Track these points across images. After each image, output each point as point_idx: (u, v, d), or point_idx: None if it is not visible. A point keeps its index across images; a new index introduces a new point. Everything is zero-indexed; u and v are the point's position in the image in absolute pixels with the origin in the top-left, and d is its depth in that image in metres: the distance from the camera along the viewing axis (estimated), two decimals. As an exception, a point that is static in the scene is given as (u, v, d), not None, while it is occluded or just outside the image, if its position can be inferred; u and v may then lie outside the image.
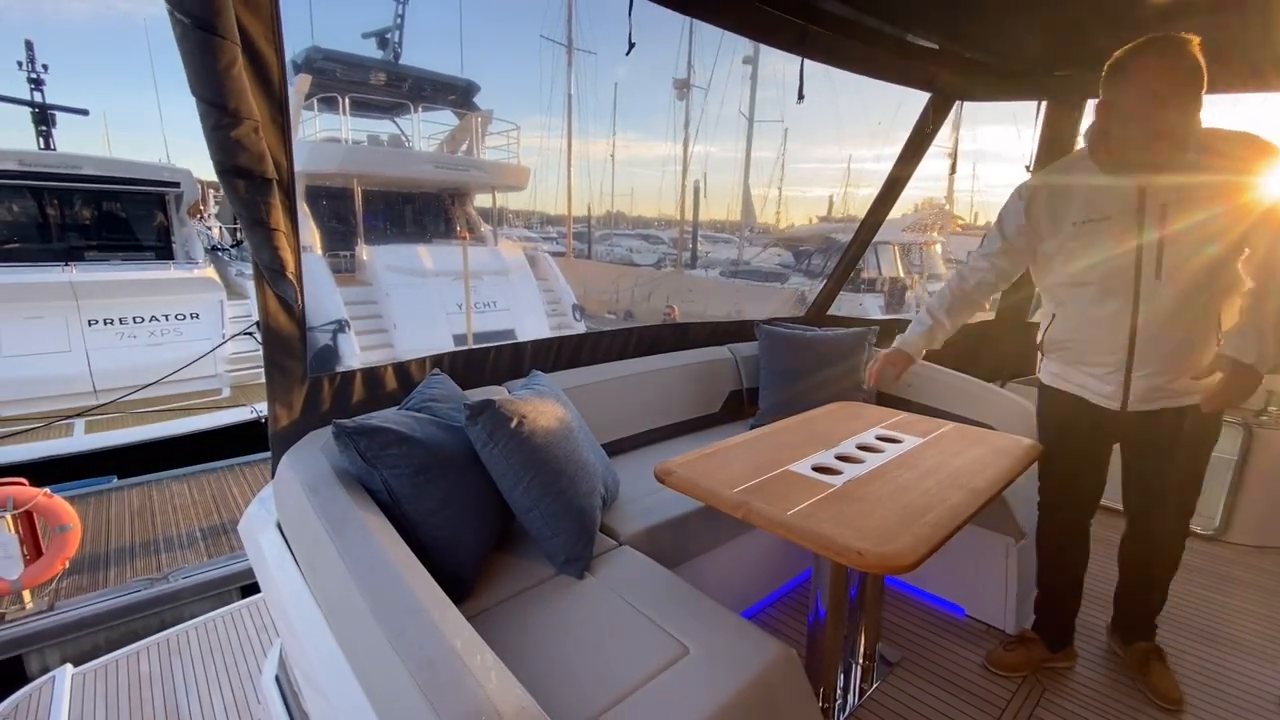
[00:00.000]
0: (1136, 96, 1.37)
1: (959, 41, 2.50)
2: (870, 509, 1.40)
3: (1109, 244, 1.51)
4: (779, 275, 17.96)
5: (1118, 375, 1.59)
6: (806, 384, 2.59)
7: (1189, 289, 1.49)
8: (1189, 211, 1.44)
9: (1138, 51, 1.37)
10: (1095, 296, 1.56)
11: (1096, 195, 1.53)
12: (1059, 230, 1.57)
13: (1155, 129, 1.36)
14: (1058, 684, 1.88)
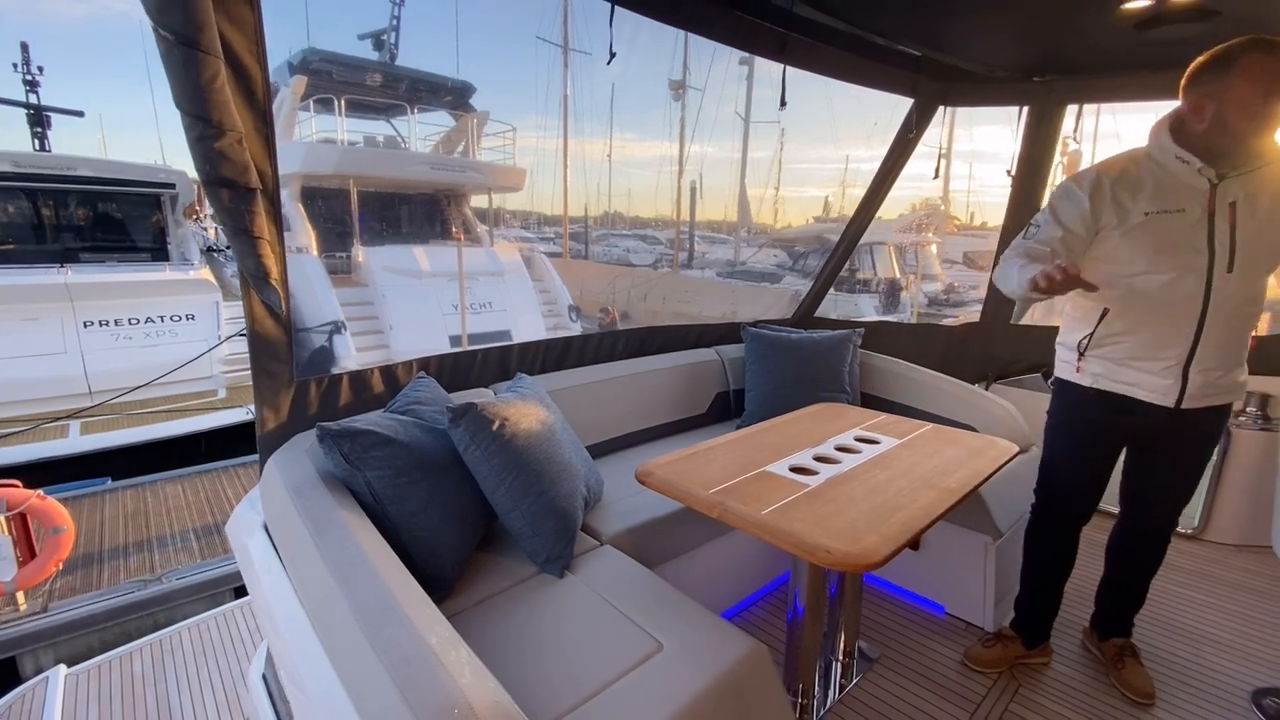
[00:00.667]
0: (1248, 89, 1.37)
1: (940, 49, 2.54)
2: (842, 509, 1.44)
3: (1183, 235, 1.51)
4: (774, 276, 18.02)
5: (1177, 369, 1.57)
6: (791, 385, 2.63)
7: (1254, 287, 1.55)
8: (1255, 210, 1.49)
9: (1246, 47, 1.38)
10: (1167, 286, 1.53)
11: (1167, 187, 1.53)
12: (1126, 220, 1.55)
13: (1260, 123, 1.39)
14: (1033, 680, 1.91)
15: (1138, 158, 1.59)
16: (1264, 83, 1.35)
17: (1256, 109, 1.37)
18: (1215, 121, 1.43)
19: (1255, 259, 1.51)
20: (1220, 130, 1.44)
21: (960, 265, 21.07)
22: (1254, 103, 1.37)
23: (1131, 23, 2.09)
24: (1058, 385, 1.83)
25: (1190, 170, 1.50)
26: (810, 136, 32.90)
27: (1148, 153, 1.58)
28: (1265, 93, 1.36)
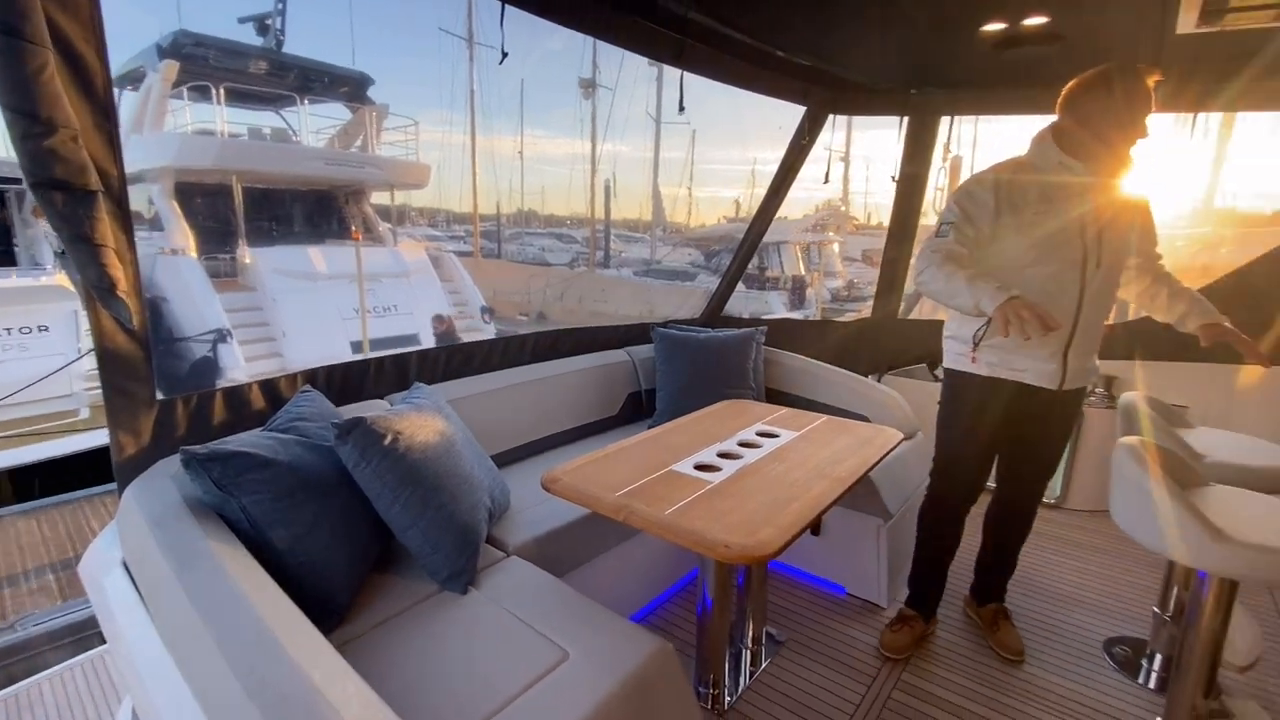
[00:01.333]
0: (1123, 107, 1.59)
1: (828, 60, 2.68)
2: (741, 503, 1.49)
3: (1063, 234, 1.69)
4: (688, 274, 18.38)
5: (1059, 355, 1.74)
6: (699, 384, 2.69)
7: (1114, 280, 1.79)
8: (1116, 215, 1.72)
9: (1117, 73, 1.60)
10: (1051, 279, 1.70)
11: (1051, 190, 1.71)
12: (1019, 218, 1.70)
13: (1125, 139, 1.63)
14: (921, 647, 2.07)
15: (1024, 164, 1.77)
16: (1131, 105, 1.58)
17: (1128, 124, 1.60)
18: (1094, 134, 1.64)
19: (1115, 257, 1.74)
20: (1097, 141, 1.64)
21: (860, 263, 22.39)
22: (1126, 119, 1.60)
23: (991, 43, 2.30)
24: (950, 376, 1.96)
25: (1070, 177, 1.70)
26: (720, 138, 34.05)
27: (1032, 159, 1.76)
28: (1132, 113, 1.59)
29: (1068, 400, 1.84)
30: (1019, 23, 2.09)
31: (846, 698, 1.84)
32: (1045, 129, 1.75)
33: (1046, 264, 1.69)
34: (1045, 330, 1.41)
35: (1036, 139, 1.76)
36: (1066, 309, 1.70)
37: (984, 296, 1.52)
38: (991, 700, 1.84)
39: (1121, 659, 2.01)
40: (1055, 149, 1.69)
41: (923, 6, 2.00)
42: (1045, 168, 1.71)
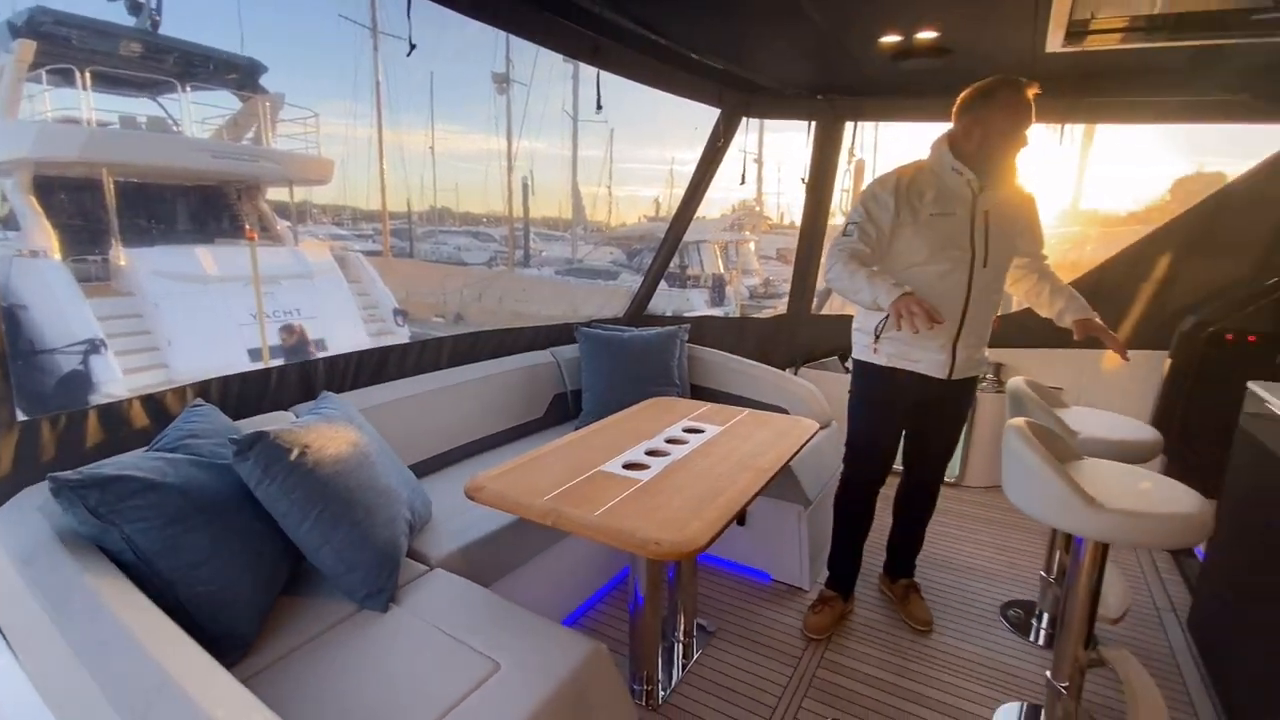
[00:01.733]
0: (1005, 118, 1.73)
1: (741, 64, 2.76)
2: (670, 499, 1.51)
3: (954, 234, 1.83)
4: (611, 273, 18.39)
5: (949, 346, 1.88)
6: (625, 383, 2.70)
7: (1001, 277, 1.95)
8: (1001, 219, 1.87)
9: (995, 85, 1.76)
10: (941, 277, 1.84)
11: (944, 193, 1.84)
12: (916, 219, 1.83)
13: (1010, 146, 1.76)
14: (841, 626, 2.17)
15: (923, 167, 1.90)
16: (1015, 114, 1.73)
17: (1010, 134, 1.74)
18: (981, 142, 1.78)
19: (1002, 257, 1.90)
20: (983, 149, 1.78)
21: (775, 261, 23.23)
22: (1008, 129, 1.74)
23: (889, 54, 2.45)
24: (857, 366, 2.08)
25: (962, 181, 1.83)
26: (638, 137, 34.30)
27: (930, 164, 1.89)
28: (1016, 122, 1.73)
29: (959, 388, 1.99)
30: (912, 35, 2.24)
31: (774, 680, 1.91)
32: (942, 135, 1.89)
33: (939, 262, 1.82)
34: (931, 325, 1.53)
35: (935, 145, 1.89)
36: (955, 304, 1.84)
37: (881, 292, 1.64)
38: (904, 668, 1.97)
39: (1015, 620, 2.21)
40: (949, 154, 1.83)
41: (827, 16, 2.10)
42: (941, 172, 1.85)
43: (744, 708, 1.80)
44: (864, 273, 1.70)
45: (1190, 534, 1.37)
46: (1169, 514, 1.38)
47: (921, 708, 1.81)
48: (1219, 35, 1.85)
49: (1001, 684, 1.91)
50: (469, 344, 2.66)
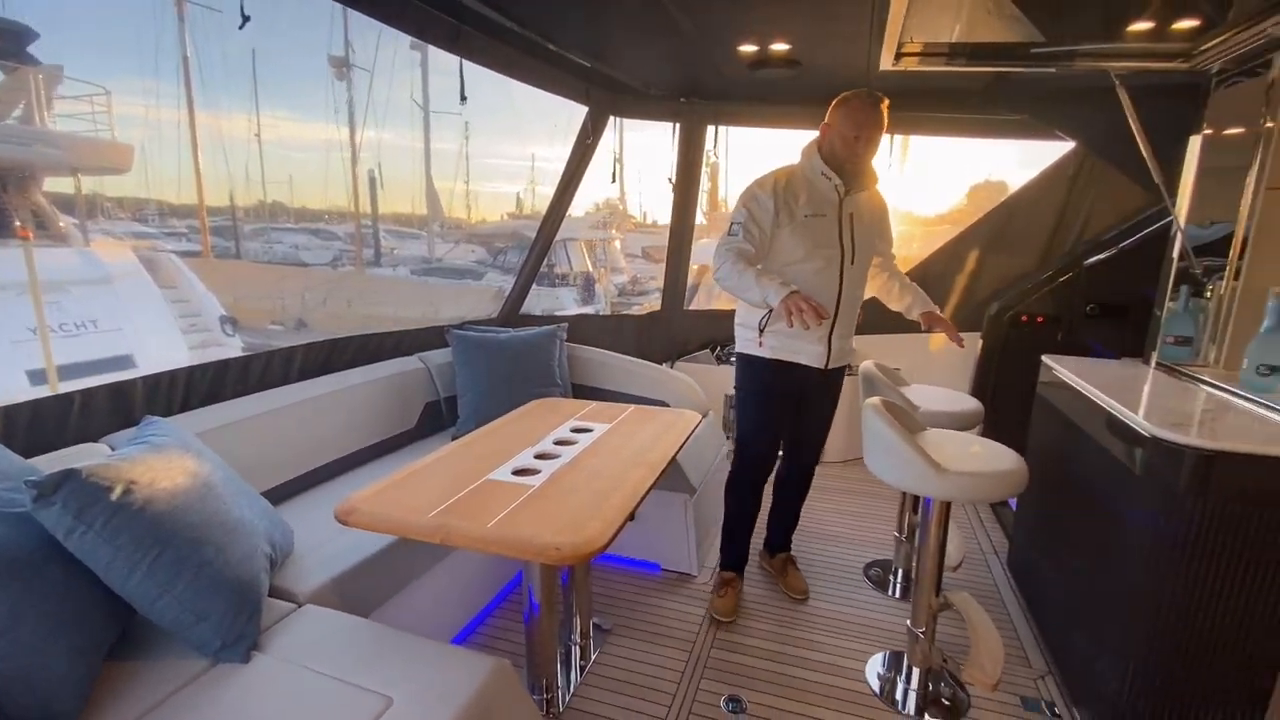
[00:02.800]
0: (848, 125, 1.89)
1: (609, 64, 2.78)
2: (565, 502, 1.48)
3: (826, 234, 1.97)
4: (475, 272, 17.67)
5: (825, 338, 2.03)
6: (504, 386, 2.61)
7: (865, 274, 2.12)
8: (862, 221, 2.03)
9: (852, 96, 1.92)
10: (816, 273, 1.97)
11: (814, 196, 1.97)
12: (793, 219, 1.95)
13: (852, 149, 1.90)
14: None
15: (796, 170, 2.02)
16: (854, 120, 1.90)
17: (849, 137, 1.91)
18: (830, 147, 1.95)
19: (865, 255, 2.08)
20: (833, 154, 1.95)
21: (641, 259, 23.75)
22: (847, 133, 1.91)
23: (747, 63, 2.60)
24: (742, 360, 2.17)
25: (829, 184, 1.98)
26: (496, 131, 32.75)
27: (801, 168, 2.02)
28: (853, 125, 1.90)
29: (834, 376, 2.17)
30: (768, 46, 2.40)
31: (671, 667, 1.96)
32: (811, 142, 2.03)
33: (814, 260, 1.97)
34: (819, 320, 1.67)
35: (805, 150, 2.04)
36: (830, 299, 2.01)
37: (770, 291, 1.76)
38: (786, 636, 2.11)
39: (876, 579, 2.46)
40: (818, 159, 1.98)
41: (691, 22, 2.18)
42: (811, 176, 2.00)
43: (645, 699, 1.83)
44: (752, 272, 1.81)
45: (1014, 487, 1.61)
46: (998, 472, 1.61)
47: (805, 670, 1.96)
48: (1006, 64, 2.18)
49: (870, 637, 2.12)
50: (324, 353, 2.41)
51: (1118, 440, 1.65)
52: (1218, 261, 2.01)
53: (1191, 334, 2.10)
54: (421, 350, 2.80)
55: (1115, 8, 1.80)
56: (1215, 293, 2.03)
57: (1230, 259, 1.97)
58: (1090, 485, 1.82)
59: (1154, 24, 1.81)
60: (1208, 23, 1.74)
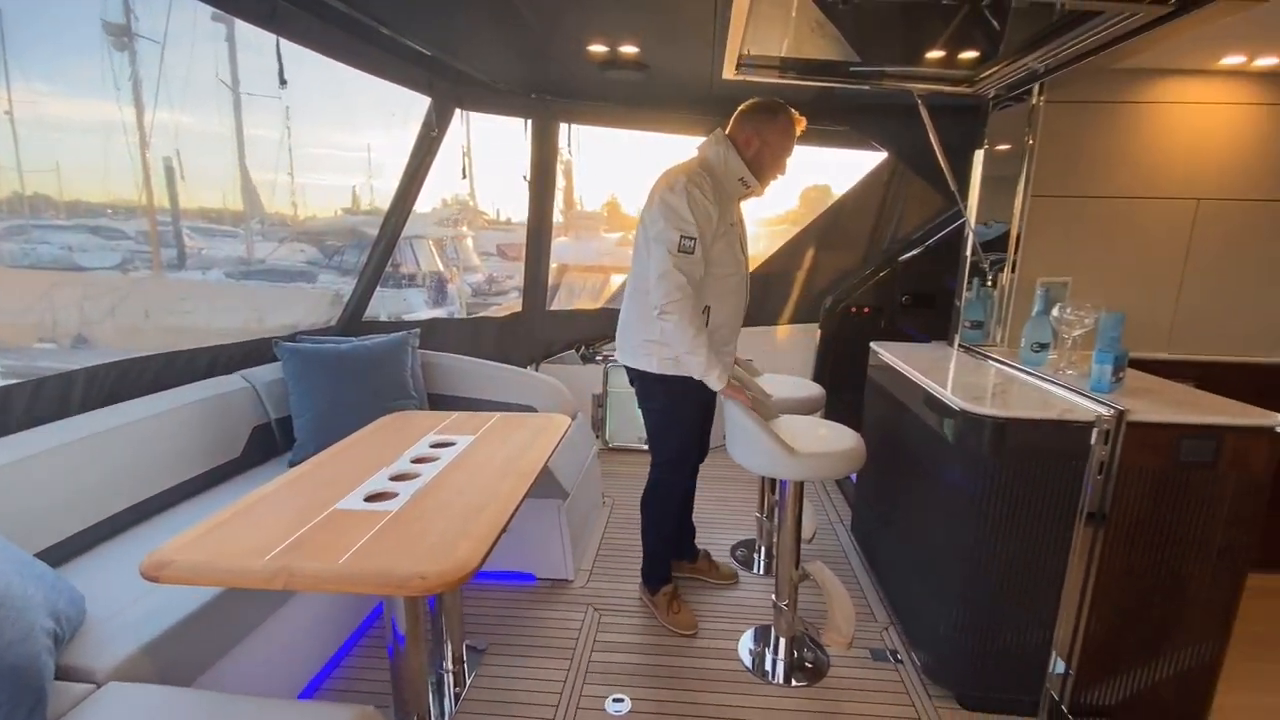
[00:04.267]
0: (781, 137, 1.88)
1: (453, 54, 2.62)
2: (430, 524, 1.37)
3: (741, 242, 1.97)
4: (308, 274, 15.93)
5: (733, 350, 2.07)
6: (350, 402, 2.37)
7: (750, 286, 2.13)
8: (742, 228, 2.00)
9: (780, 106, 1.90)
10: (735, 287, 1.97)
11: (728, 205, 1.92)
12: (725, 228, 1.89)
13: (777, 166, 1.91)
14: (609, 605, 2.28)
15: (718, 174, 1.89)
16: (791, 138, 1.92)
17: (780, 155, 1.93)
18: (756, 155, 1.91)
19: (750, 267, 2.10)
20: (756, 162, 1.91)
21: (496, 257, 22.95)
22: (780, 151, 1.92)
23: (597, 63, 2.59)
24: (654, 380, 2.01)
25: (740, 190, 1.95)
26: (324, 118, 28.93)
27: (715, 171, 1.88)
28: (788, 144, 1.92)
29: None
30: (617, 48, 2.41)
31: (553, 678, 1.91)
32: (723, 143, 1.89)
33: (737, 271, 1.96)
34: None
35: (718, 152, 1.89)
36: (742, 309, 2.05)
37: (713, 376, 1.82)
38: (662, 628, 2.16)
39: (743, 558, 2.61)
40: (740, 163, 1.90)
41: (539, 18, 2.12)
42: (727, 181, 1.91)
43: (527, 715, 1.77)
44: (705, 344, 1.81)
45: (856, 462, 1.79)
46: (842, 450, 1.77)
47: (683, 657, 2.02)
48: (829, 80, 2.40)
49: (740, 616, 2.24)
50: (115, 376, 2.01)
51: (933, 414, 1.90)
52: (1000, 256, 2.38)
53: (983, 318, 2.47)
54: (245, 367, 2.45)
55: (914, 37, 2.06)
56: (999, 283, 2.41)
57: (1008, 254, 2.35)
58: (914, 453, 2.07)
59: (945, 53, 2.09)
60: (985, 55, 2.05)
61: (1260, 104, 2.18)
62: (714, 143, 1.92)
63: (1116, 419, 1.58)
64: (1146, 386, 1.84)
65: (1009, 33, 1.91)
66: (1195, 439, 1.56)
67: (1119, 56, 1.75)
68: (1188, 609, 1.67)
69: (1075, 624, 1.71)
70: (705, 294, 1.90)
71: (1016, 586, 1.72)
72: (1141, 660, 1.71)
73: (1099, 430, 1.60)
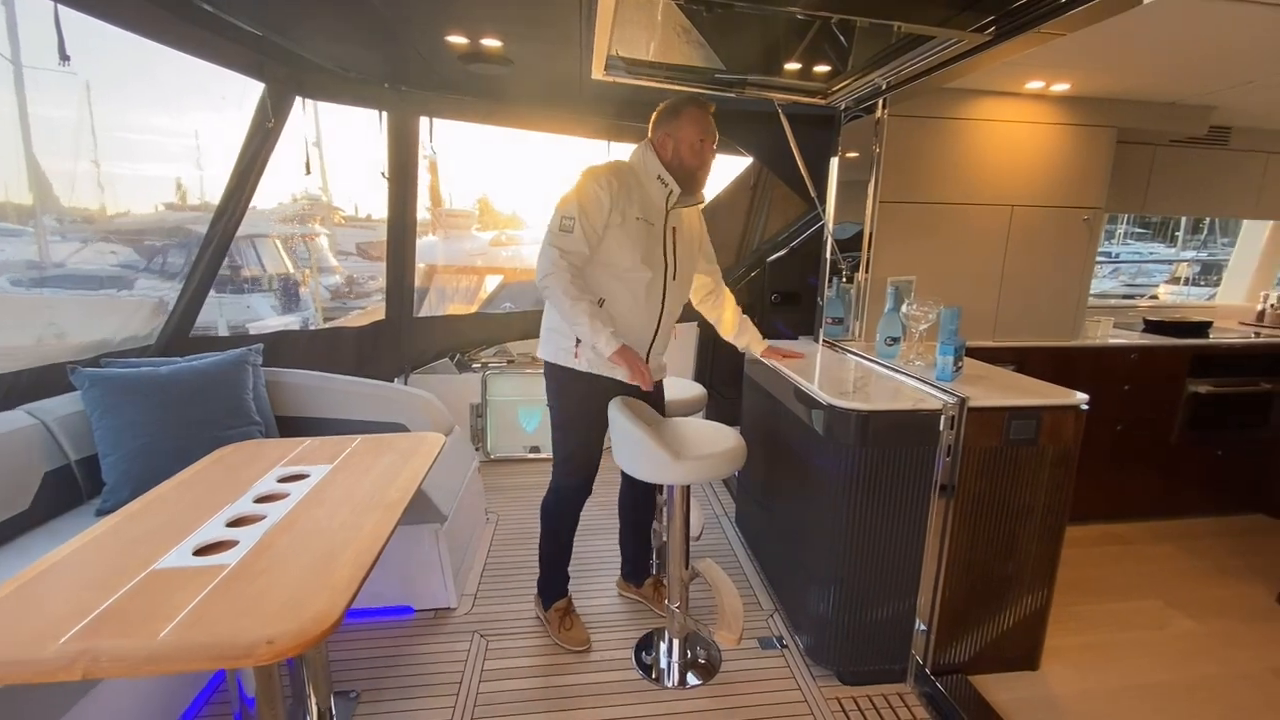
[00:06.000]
0: (691, 131, 1.82)
1: (287, 36, 2.34)
2: (278, 577, 1.19)
3: (653, 243, 1.88)
4: (122, 280, 13.72)
5: (644, 355, 1.95)
6: (174, 436, 2.03)
7: (686, 290, 2.07)
8: (683, 237, 1.97)
9: (683, 102, 1.85)
10: (643, 284, 1.88)
11: (645, 202, 1.87)
12: (624, 220, 1.82)
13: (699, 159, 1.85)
14: (497, 630, 2.16)
15: (626, 170, 1.87)
16: (700, 127, 1.85)
17: (697, 146, 1.86)
18: (674, 154, 1.86)
19: (686, 273, 2.03)
20: (676, 161, 1.86)
21: (356, 257, 21.25)
22: (695, 140, 1.85)
23: (458, 55, 2.43)
24: (555, 371, 1.98)
25: (662, 192, 1.88)
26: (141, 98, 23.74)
27: (634, 169, 1.89)
28: (700, 132, 1.85)
29: (655, 391, 2.07)
30: (478, 40, 2.28)
31: (438, 717, 1.77)
32: (644, 144, 1.91)
33: (643, 270, 1.88)
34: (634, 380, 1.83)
35: (638, 152, 1.91)
36: (653, 313, 1.95)
37: (601, 340, 1.75)
38: (554, 647, 2.08)
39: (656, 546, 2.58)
40: (657, 162, 1.87)
41: (384, 1, 1.94)
42: (645, 179, 1.88)
43: (410, 767, 1.62)
44: (586, 309, 1.75)
45: (737, 461, 1.82)
46: (725, 451, 1.80)
47: (577, 675, 1.96)
48: (696, 85, 2.44)
49: (633, 623, 2.22)
50: None
51: (804, 408, 1.99)
52: (856, 254, 2.57)
53: (843, 315, 2.65)
54: (32, 399, 2.02)
55: (772, 49, 2.14)
56: (855, 281, 2.60)
57: (862, 253, 2.54)
58: (789, 445, 2.17)
59: (801, 65, 2.20)
60: (836, 69, 2.19)
61: (1057, 123, 2.54)
62: (639, 148, 1.94)
63: (959, 406, 1.75)
64: (980, 373, 2.07)
65: (856, 50, 2.04)
66: (1021, 419, 1.77)
67: (948, 77, 1.94)
68: (1020, 566, 1.90)
69: (933, 591, 1.88)
70: (598, 285, 1.87)
71: (883, 563, 1.86)
72: (987, 616, 1.93)
73: (945, 416, 1.76)
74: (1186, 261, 12.80)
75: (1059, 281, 2.72)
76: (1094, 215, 2.67)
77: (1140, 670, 2.01)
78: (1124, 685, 1.94)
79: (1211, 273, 10.91)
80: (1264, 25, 1.70)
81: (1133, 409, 2.85)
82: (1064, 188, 2.61)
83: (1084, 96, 2.50)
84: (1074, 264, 2.71)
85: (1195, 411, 2.90)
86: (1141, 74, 2.24)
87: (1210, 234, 13.86)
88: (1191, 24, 1.75)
